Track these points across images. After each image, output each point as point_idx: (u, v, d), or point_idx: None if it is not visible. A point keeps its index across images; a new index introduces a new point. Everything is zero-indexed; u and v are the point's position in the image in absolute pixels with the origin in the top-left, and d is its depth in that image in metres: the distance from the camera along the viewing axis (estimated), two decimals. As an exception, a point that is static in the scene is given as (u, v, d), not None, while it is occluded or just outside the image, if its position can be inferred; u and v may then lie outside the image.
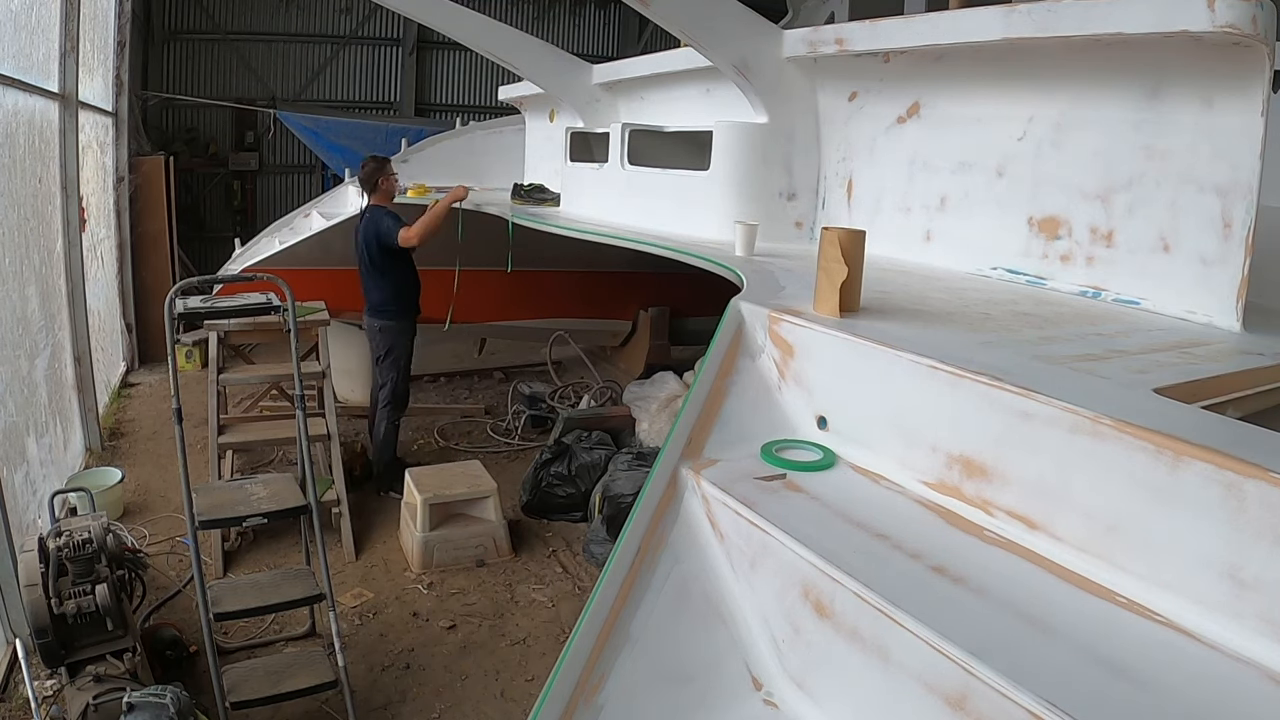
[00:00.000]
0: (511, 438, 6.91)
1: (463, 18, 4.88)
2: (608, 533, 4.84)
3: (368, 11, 13.27)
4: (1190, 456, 1.25)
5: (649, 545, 1.63)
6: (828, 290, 2.03)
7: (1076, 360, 1.78)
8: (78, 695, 3.11)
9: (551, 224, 4.54)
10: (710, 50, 3.45)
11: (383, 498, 5.63)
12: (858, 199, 3.47)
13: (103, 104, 7.81)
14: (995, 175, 2.89)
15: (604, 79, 4.87)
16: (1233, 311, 2.21)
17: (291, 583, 3.71)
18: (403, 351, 5.65)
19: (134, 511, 5.38)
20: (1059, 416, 1.42)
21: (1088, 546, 1.37)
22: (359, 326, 7.24)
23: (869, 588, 1.34)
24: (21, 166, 5.07)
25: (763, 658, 1.55)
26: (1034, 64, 2.68)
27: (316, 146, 11.89)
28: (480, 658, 4.11)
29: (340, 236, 6.36)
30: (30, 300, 5.06)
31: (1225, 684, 1.13)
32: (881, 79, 3.27)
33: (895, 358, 1.73)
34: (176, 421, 3.56)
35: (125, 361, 8.35)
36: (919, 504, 1.63)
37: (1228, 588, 1.20)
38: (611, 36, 15.28)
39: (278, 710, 3.52)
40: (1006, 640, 1.22)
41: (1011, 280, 2.80)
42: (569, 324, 7.89)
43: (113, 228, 8.21)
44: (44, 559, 3.37)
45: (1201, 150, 2.29)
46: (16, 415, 4.52)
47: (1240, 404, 1.72)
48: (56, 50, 5.88)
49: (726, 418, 1.91)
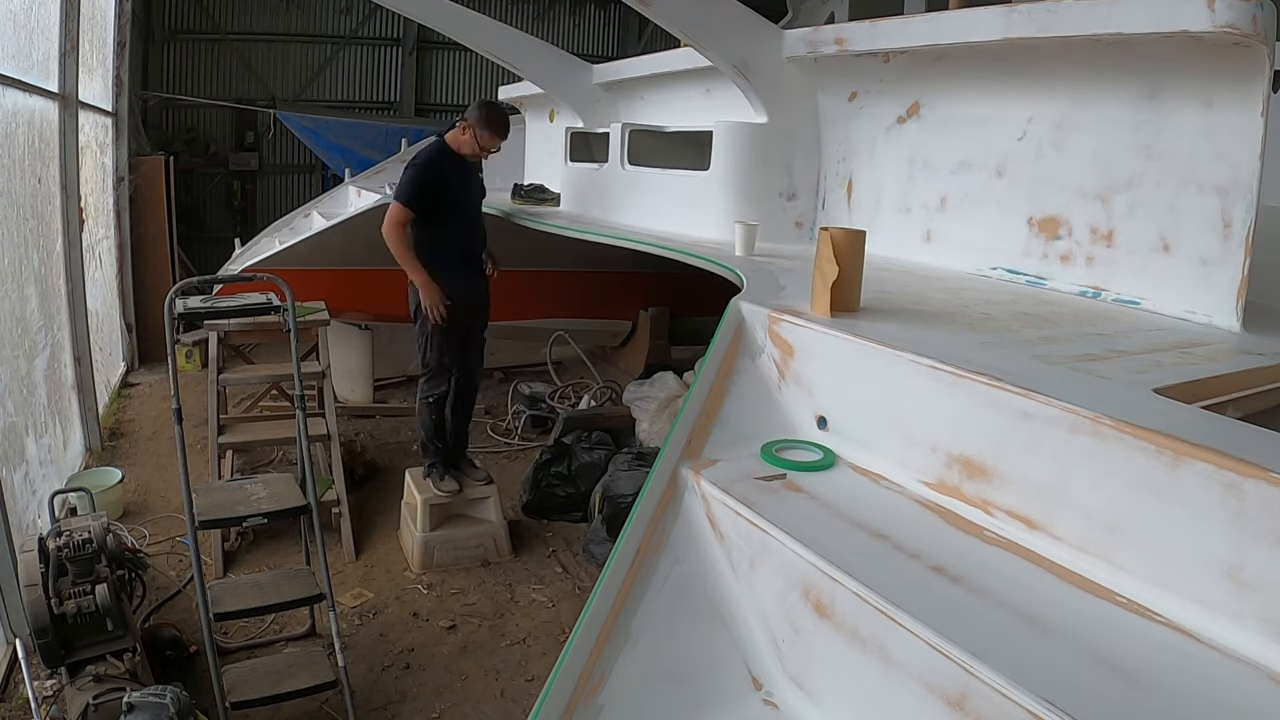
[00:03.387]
0: (511, 438, 6.91)
1: (463, 18, 4.88)
2: (608, 533, 4.84)
3: (368, 11, 13.27)
4: (1190, 456, 1.25)
5: (649, 545, 1.64)
6: (821, 290, 2.03)
7: (1076, 360, 1.78)
8: (78, 695, 3.11)
9: (551, 224, 4.54)
10: (710, 50, 3.45)
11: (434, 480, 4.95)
12: (858, 199, 3.47)
13: (103, 104, 7.81)
14: (995, 175, 2.89)
15: (604, 79, 4.87)
16: (1233, 311, 2.21)
17: (291, 583, 3.71)
18: (423, 316, 4.81)
19: (134, 511, 5.38)
20: (1059, 416, 1.42)
21: (1088, 546, 1.37)
22: (359, 326, 7.25)
23: (869, 588, 1.35)
24: (21, 166, 5.07)
25: (763, 658, 1.55)
26: (1034, 64, 2.68)
27: (316, 146, 11.89)
28: (480, 658, 4.11)
29: (340, 236, 6.36)
30: (30, 300, 5.05)
31: (1225, 684, 1.13)
32: (881, 79, 3.27)
33: (895, 358, 1.73)
34: (176, 421, 3.56)
35: (125, 361, 8.35)
36: (919, 504, 1.63)
37: (1228, 588, 1.20)
38: (611, 36, 15.28)
39: (278, 710, 3.52)
40: (1006, 640, 1.22)
41: (1011, 280, 2.80)
42: (569, 324, 7.88)
43: (112, 228, 8.21)
44: (44, 559, 3.37)
45: (1201, 150, 2.29)
46: (16, 415, 4.52)
47: (1240, 404, 1.72)
48: (56, 50, 5.88)
49: (726, 418, 1.91)
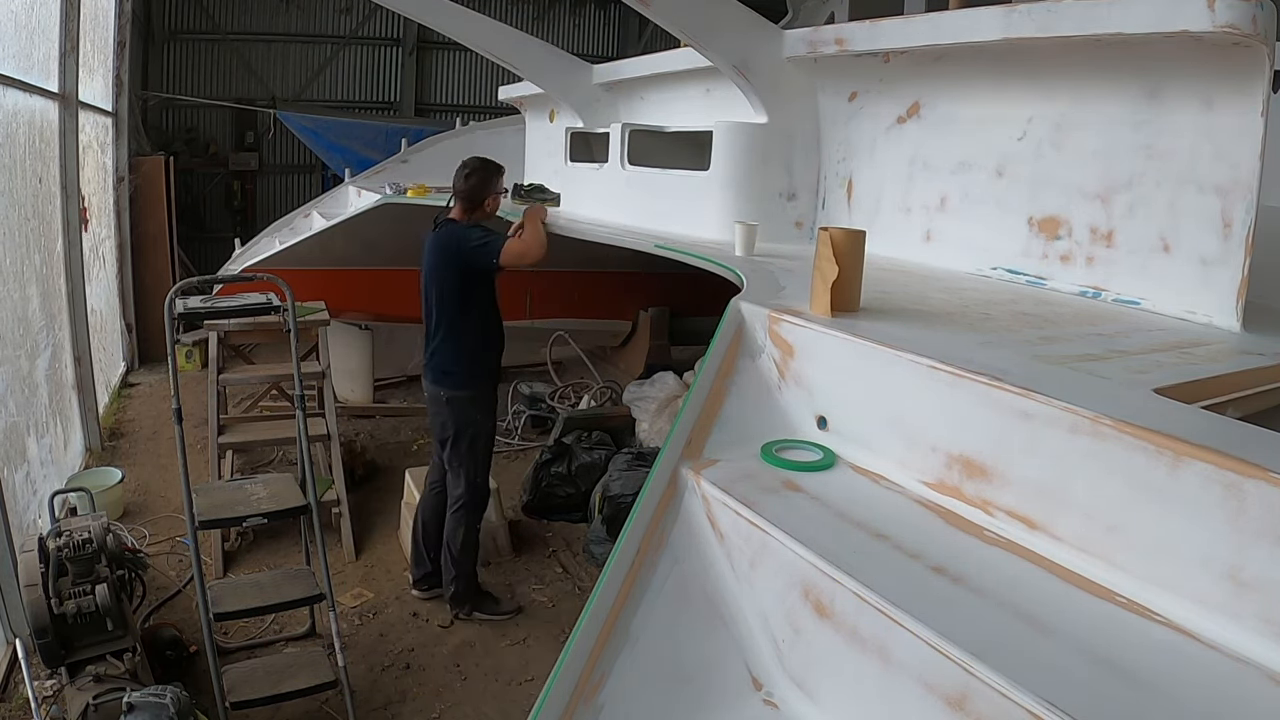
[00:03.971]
0: (511, 438, 6.91)
1: (463, 18, 4.87)
2: (608, 533, 4.84)
3: (368, 11, 13.27)
4: (1190, 456, 1.25)
5: (649, 545, 1.64)
6: (821, 290, 2.03)
7: (1076, 360, 1.78)
8: (78, 695, 3.11)
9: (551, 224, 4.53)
10: (710, 50, 3.45)
11: (466, 618, 4.36)
12: (858, 199, 3.47)
13: (103, 104, 7.81)
14: (995, 175, 2.89)
15: (604, 79, 4.87)
16: (1233, 311, 2.21)
17: (291, 583, 3.72)
18: (481, 432, 4.16)
19: (134, 511, 5.38)
20: (1059, 416, 1.42)
21: (1087, 546, 1.37)
22: (359, 326, 7.25)
23: (869, 588, 1.34)
24: (22, 166, 5.07)
25: (763, 658, 1.55)
26: (1034, 64, 2.68)
27: (316, 146, 11.89)
28: (480, 658, 4.11)
29: (340, 236, 6.36)
30: (31, 300, 5.06)
31: (1225, 684, 1.13)
32: (881, 79, 3.27)
33: (895, 358, 1.73)
34: (176, 421, 3.56)
35: (125, 361, 8.35)
36: (919, 504, 1.63)
37: (1228, 588, 1.20)
38: (611, 36, 15.28)
39: (278, 710, 3.52)
40: (1006, 640, 1.22)
41: (1011, 280, 2.80)
42: (569, 324, 7.88)
43: (113, 228, 8.22)
44: (44, 559, 3.37)
45: (1201, 150, 2.28)
46: (17, 415, 4.52)
47: (1240, 404, 1.71)
48: (56, 50, 5.88)
49: (726, 418, 1.91)
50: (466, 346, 4.09)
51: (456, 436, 4.14)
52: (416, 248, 4.76)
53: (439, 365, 4.13)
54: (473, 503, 4.23)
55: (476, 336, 4.11)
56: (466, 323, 4.06)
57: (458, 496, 4.20)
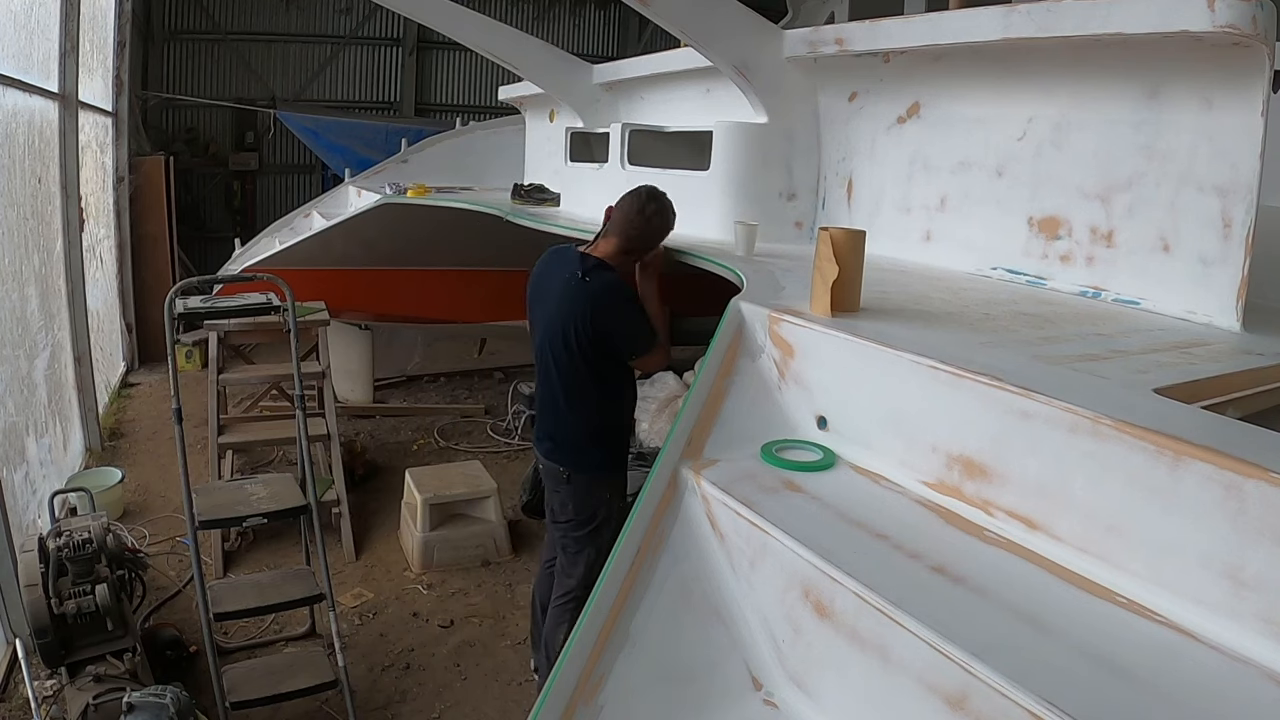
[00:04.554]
0: (511, 438, 6.91)
1: (463, 18, 4.87)
2: (608, 533, 4.84)
3: (368, 11, 13.26)
4: (1190, 456, 1.25)
5: (649, 545, 1.63)
6: (821, 290, 2.03)
7: (1076, 360, 1.77)
8: (78, 695, 3.11)
9: (551, 224, 4.53)
10: (710, 50, 3.45)
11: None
12: (858, 199, 3.46)
13: (103, 104, 7.81)
14: (995, 175, 2.89)
15: (604, 79, 4.87)
16: (1233, 311, 2.21)
17: (291, 583, 3.72)
18: (609, 517, 3.32)
19: (134, 511, 5.38)
20: (1059, 416, 1.42)
21: (1087, 547, 1.37)
22: (359, 326, 7.25)
23: (869, 588, 1.34)
24: (21, 166, 5.07)
25: (763, 658, 1.55)
26: (1034, 64, 2.68)
27: (316, 146, 11.88)
28: (480, 658, 4.11)
29: (340, 236, 6.35)
30: (30, 300, 5.06)
31: (1225, 684, 1.13)
32: (881, 79, 3.27)
33: (895, 358, 1.73)
34: (176, 421, 3.57)
35: (125, 361, 8.35)
36: (919, 504, 1.62)
37: (1228, 588, 1.19)
38: (611, 36, 15.28)
39: (278, 710, 3.52)
40: (1006, 640, 1.22)
41: (1011, 280, 2.80)
42: (569, 324, 7.87)
43: (113, 228, 8.22)
44: (44, 559, 3.37)
45: (1201, 150, 2.28)
46: (16, 415, 4.52)
47: (1240, 404, 1.71)
48: (56, 50, 5.88)
49: (726, 418, 1.91)
50: (600, 423, 3.35)
51: (578, 520, 3.40)
52: (417, 248, 4.69)
53: (562, 438, 3.38)
54: (579, 598, 3.34)
55: (612, 412, 3.41)
56: (603, 392, 3.30)
57: (569, 589, 3.43)
